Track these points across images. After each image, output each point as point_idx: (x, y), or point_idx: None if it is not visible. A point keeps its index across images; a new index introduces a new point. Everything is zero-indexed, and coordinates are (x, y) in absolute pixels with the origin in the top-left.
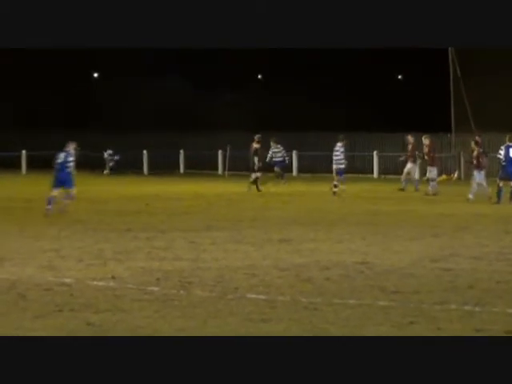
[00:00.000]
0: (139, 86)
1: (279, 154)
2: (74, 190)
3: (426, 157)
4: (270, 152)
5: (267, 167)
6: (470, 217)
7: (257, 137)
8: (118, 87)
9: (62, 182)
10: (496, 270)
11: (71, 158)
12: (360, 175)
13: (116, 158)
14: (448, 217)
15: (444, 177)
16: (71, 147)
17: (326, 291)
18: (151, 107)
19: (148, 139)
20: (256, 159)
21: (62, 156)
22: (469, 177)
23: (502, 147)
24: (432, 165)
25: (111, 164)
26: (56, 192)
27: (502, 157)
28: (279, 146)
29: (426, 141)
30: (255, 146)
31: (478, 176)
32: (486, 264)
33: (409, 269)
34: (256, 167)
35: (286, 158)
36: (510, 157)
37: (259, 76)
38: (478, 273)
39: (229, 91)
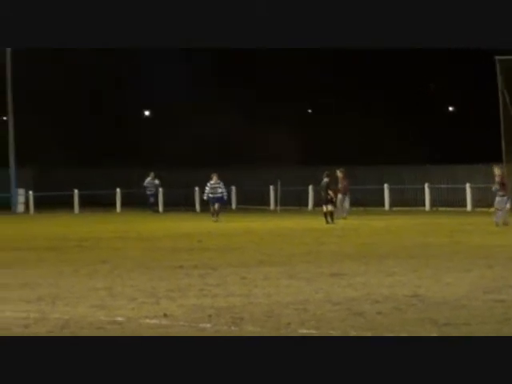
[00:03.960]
0: (190, 122)
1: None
2: None
3: (498, 186)
4: None
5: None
6: None
7: (325, 173)
8: (168, 124)
9: None
10: None
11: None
12: (412, 208)
13: (156, 182)
14: (502, 247)
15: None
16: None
17: (377, 325)
18: (202, 143)
19: (199, 175)
20: (328, 193)
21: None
22: None
23: None
24: (504, 195)
25: (151, 199)
26: None
27: None
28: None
29: (497, 171)
30: (325, 179)
31: None
32: None
33: (461, 301)
34: (327, 201)
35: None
36: None
37: (309, 110)
38: None
39: (278, 126)
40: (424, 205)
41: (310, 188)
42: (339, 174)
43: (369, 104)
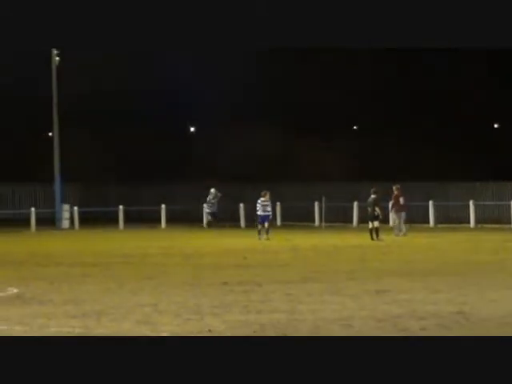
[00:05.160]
0: (233, 136)
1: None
2: None
3: None
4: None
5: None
6: None
7: (372, 190)
8: (210, 139)
9: None
10: None
11: None
12: (456, 225)
13: (219, 195)
14: None
15: None
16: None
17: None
18: (243, 158)
19: (242, 191)
20: (375, 209)
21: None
22: None
23: None
24: None
25: (209, 215)
26: None
27: None
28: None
29: None
30: (373, 196)
31: None
32: None
33: (507, 318)
34: (373, 217)
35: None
36: None
37: (354, 127)
38: None
39: (323, 141)
40: (469, 222)
41: (355, 204)
42: (395, 190)
43: (419, 121)
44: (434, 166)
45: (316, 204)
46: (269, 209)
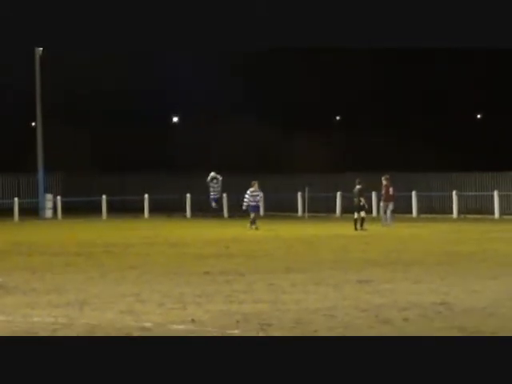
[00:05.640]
0: (216, 128)
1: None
2: None
3: None
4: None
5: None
6: None
7: (357, 181)
8: (195, 130)
9: None
10: None
11: None
12: (439, 216)
13: (219, 177)
14: None
15: None
16: None
17: (404, 332)
18: (228, 150)
19: (227, 181)
20: (360, 199)
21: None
22: None
23: None
24: None
25: (214, 195)
26: None
27: None
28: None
29: None
30: (358, 186)
31: None
32: None
33: (489, 308)
34: (359, 207)
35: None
36: None
37: (337, 117)
38: None
39: (306, 132)
40: (452, 212)
41: (338, 194)
42: (384, 181)
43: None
44: (418, 158)
45: (299, 194)
46: (258, 199)
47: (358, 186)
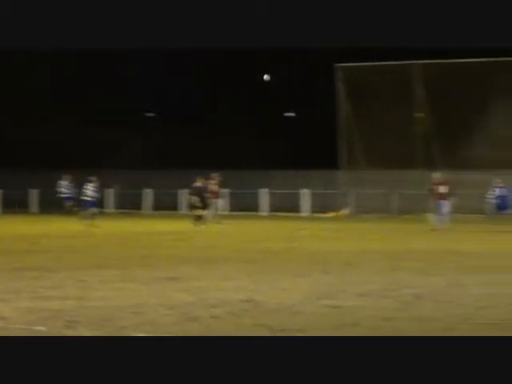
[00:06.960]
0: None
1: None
2: None
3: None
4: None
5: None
6: (358, 253)
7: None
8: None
9: None
10: (382, 307)
11: None
12: (250, 213)
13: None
14: (337, 253)
15: (332, 214)
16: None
17: (212, 330)
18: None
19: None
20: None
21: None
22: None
23: None
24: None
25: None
26: None
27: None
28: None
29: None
30: (198, 184)
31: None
32: (373, 301)
33: (297, 306)
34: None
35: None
36: None
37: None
38: (364, 310)
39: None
40: (263, 209)
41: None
42: (213, 180)
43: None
44: (231, 154)
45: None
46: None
47: (198, 184)
